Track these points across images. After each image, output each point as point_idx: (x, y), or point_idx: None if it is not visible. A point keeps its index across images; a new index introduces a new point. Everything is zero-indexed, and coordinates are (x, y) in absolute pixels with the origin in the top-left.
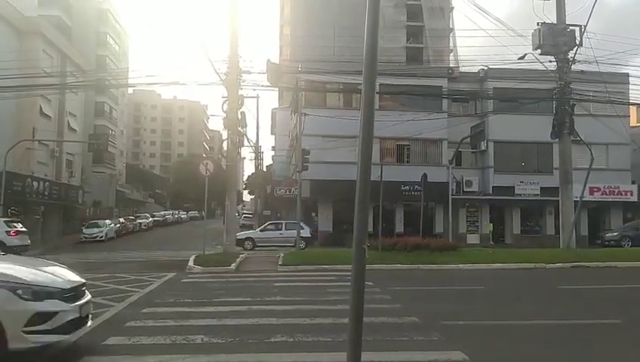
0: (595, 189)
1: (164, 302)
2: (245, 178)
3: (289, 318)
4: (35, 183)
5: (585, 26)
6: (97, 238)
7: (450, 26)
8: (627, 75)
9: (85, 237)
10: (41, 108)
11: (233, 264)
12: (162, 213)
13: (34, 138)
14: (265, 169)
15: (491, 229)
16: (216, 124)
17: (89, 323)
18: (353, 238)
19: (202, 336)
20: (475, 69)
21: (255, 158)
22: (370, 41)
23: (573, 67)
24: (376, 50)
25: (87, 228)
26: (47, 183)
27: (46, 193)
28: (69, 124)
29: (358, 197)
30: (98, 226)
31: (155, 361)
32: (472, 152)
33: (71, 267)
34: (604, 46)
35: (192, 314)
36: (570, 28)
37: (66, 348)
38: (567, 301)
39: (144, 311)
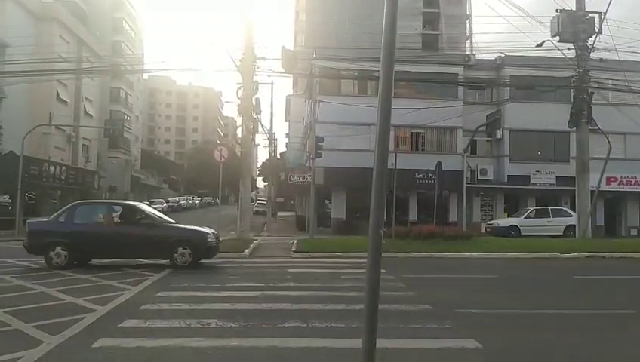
0: (612, 179)
1: (178, 286)
2: (259, 165)
3: (302, 304)
4: (52, 168)
5: (604, 13)
6: None
7: (467, 13)
8: None
9: None
10: (57, 93)
11: (247, 250)
12: (177, 198)
13: (51, 123)
14: (279, 156)
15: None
16: (230, 110)
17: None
18: (370, 222)
19: (216, 320)
20: (492, 56)
21: (269, 145)
22: (389, 28)
23: (592, 55)
24: (394, 37)
25: None
26: (63, 168)
27: (62, 178)
28: (85, 109)
29: (375, 181)
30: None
31: (170, 344)
32: (488, 141)
33: None
34: (623, 33)
35: (205, 298)
36: (590, 15)
37: (82, 329)
38: (582, 291)
39: (159, 294)
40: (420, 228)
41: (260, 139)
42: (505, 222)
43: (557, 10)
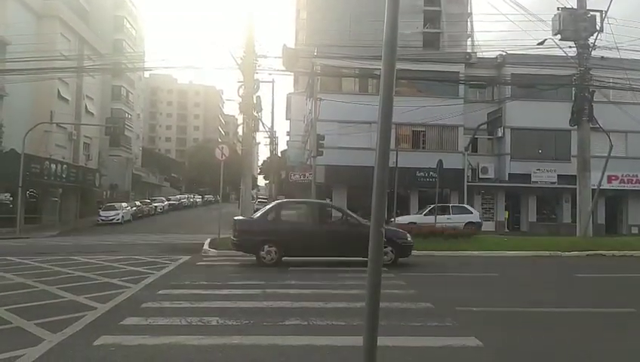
0: (613, 177)
1: (179, 284)
2: (260, 163)
3: (303, 302)
4: (53, 166)
5: (606, 12)
6: (114, 221)
7: (469, 11)
8: None
9: (102, 220)
10: (59, 91)
11: None
12: (178, 196)
13: (52, 121)
14: (280, 154)
15: (507, 217)
16: (231, 108)
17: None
18: (371, 220)
19: (217, 318)
20: (493, 55)
21: (270, 143)
22: (390, 26)
23: (594, 53)
24: (395, 35)
25: (104, 210)
26: (64, 166)
27: (64, 176)
28: (86, 107)
29: (376, 179)
30: (115, 209)
31: (171, 342)
32: (489, 139)
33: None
34: (625, 32)
35: (207, 296)
36: (591, 13)
37: (84, 327)
38: (583, 289)
39: (160, 292)
40: (420, 226)
41: (261, 138)
42: (404, 219)
43: (558, 9)
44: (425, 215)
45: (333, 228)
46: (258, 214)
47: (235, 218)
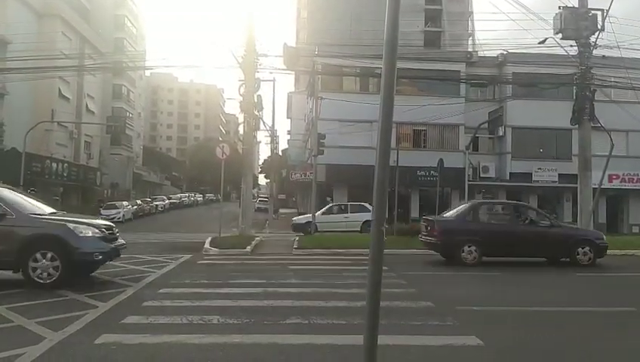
0: (615, 176)
1: (180, 283)
2: (261, 162)
3: (304, 301)
4: (54, 164)
5: (607, 10)
6: (115, 219)
7: (470, 9)
8: None
9: (103, 218)
10: (59, 90)
11: (249, 246)
12: (178, 195)
13: (53, 120)
14: (280, 153)
15: None
16: (232, 107)
17: None
18: (372, 219)
19: (218, 317)
20: (494, 54)
21: (271, 142)
22: (391, 25)
23: (595, 52)
24: (396, 34)
25: (105, 209)
26: (65, 164)
27: (65, 174)
28: (87, 106)
29: (377, 178)
30: (115, 207)
31: (172, 340)
32: (490, 138)
33: None
34: (626, 31)
35: (207, 295)
36: (592, 12)
37: (85, 326)
38: (583, 288)
39: (161, 291)
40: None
41: (262, 136)
42: (303, 218)
43: (559, 7)
44: (323, 213)
45: (532, 228)
46: (451, 214)
47: (430, 218)
